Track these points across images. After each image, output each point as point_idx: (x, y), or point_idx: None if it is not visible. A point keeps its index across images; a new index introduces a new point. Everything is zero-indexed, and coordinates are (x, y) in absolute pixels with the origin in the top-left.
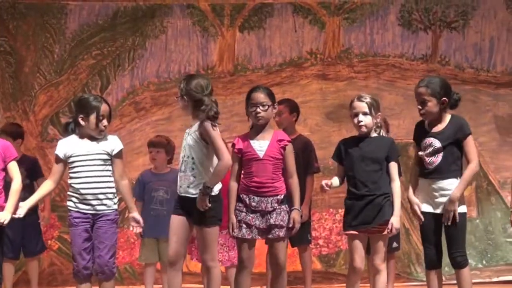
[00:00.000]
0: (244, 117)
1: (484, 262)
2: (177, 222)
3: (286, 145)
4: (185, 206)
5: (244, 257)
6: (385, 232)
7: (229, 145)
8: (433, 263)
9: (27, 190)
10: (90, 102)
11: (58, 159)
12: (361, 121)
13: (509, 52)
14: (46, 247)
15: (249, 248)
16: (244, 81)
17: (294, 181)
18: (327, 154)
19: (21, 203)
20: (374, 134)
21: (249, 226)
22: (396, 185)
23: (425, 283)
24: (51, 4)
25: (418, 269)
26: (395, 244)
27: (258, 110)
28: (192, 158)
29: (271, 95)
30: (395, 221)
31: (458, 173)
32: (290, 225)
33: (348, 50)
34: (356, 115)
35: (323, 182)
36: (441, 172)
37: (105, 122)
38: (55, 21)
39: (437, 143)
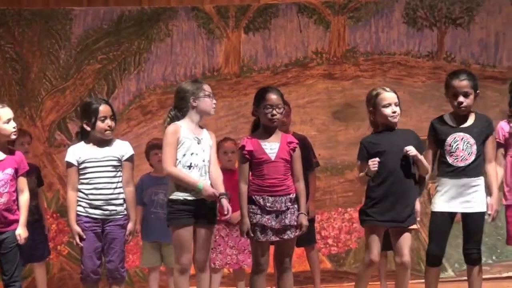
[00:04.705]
0: (251, 118)
1: (494, 257)
2: (189, 233)
3: (295, 147)
4: (200, 208)
5: (261, 260)
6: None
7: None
8: (439, 261)
9: (36, 197)
10: (90, 106)
11: (70, 166)
12: (395, 111)
13: None
14: (50, 252)
15: (266, 250)
16: (250, 82)
17: (301, 185)
18: (335, 153)
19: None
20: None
21: (264, 228)
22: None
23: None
24: (56, 10)
25: None
26: None
27: (275, 112)
28: (208, 162)
29: (283, 97)
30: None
31: (483, 170)
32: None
33: (354, 49)
34: (388, 105)
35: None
36: (474, 169)
37: (108, 122)
38: (60, 26)
39: (471, 140)
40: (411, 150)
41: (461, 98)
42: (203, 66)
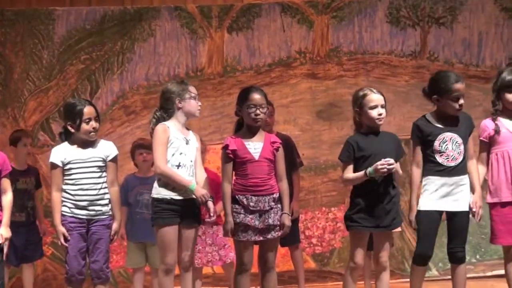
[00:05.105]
0: (234, 118)
1: (478, 256)
2: (174, 232)
3: (279, 147)
4: (185, 208)
5: (245, 260)
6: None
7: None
8: (427, 260)
9: (33, 199)
10: (74, 108)
11: (55, 167)
12: (382, 113)
13: (497, 46)
14: (44, 254)
15: (249, 250)
16: (234, 82)
17: (284, 185)
18: (318, 153)
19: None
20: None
21: (247, 227)
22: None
23: None
24: (38, 10)
25: None
26: None
27: (258, 112)
28: (195, 162)
29: (266, 97)
30: None
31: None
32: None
33: (337, 49)
34: (375, 107)
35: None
36: (463, 168)
37: (93, 124)
38: (43, 27)
39: (459, 139)
40: (392, 166)
41: (462, 100)
42: (186, 66)
